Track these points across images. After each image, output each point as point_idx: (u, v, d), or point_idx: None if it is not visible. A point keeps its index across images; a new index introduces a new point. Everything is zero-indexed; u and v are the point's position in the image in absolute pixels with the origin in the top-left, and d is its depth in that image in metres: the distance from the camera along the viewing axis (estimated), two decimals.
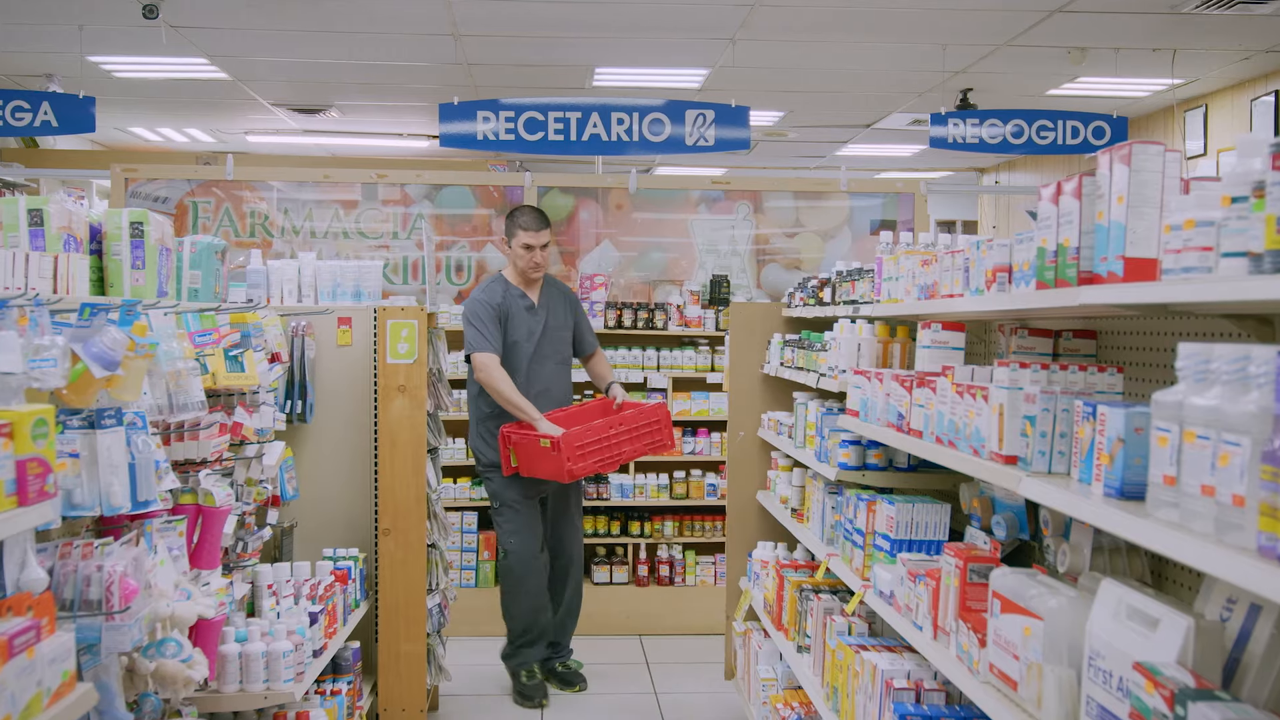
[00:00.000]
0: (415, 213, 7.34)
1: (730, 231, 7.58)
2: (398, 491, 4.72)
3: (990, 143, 7.65)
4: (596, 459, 5.13)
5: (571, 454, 5.00)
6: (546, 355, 5.46)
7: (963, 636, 2.56)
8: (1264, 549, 1.44)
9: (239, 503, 3.64)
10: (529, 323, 5.41)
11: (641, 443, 5.30)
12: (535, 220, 5.38)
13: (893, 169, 12.95)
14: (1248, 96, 7.99)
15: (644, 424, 5.31)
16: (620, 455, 5.23)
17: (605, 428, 5.18)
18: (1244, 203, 1.65)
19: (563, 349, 5.55)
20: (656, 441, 5.36)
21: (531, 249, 5.35)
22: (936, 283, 3.07)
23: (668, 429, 5.41)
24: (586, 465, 5.09)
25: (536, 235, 5.35)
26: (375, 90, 9.17)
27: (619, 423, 5.24)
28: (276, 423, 4.09)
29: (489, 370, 5.21)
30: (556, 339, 5.50)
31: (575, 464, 5.02)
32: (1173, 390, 1.72)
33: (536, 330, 5.41)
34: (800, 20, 6.91)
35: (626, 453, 5.25)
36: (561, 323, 5.53)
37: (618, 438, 5.21)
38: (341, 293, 4.95)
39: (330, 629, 4.11)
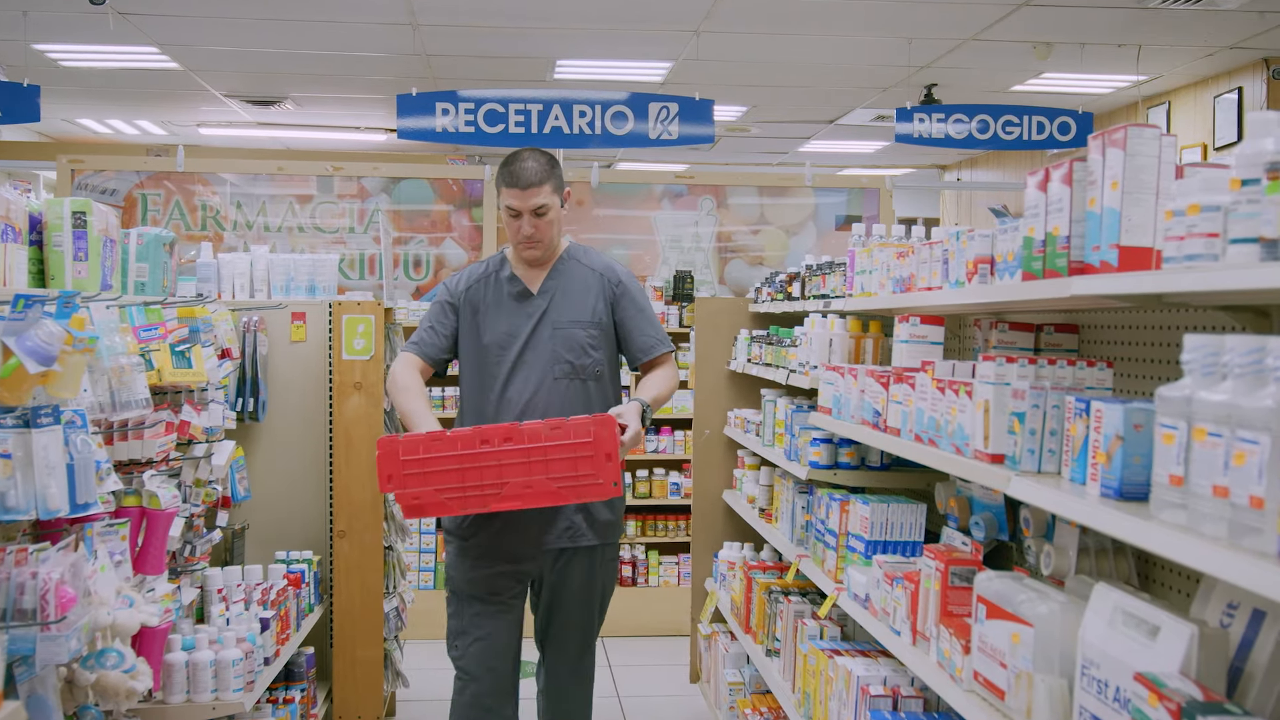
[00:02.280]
0: (372, 207, 7.18)
1: (694, 227, 7.48)
2: (354, 492, 4.57)
3: (956, 138, 7.60)
4: (445, 486, 3.22)
5: (392, 469, 3.21)
6: (537, 362, 3.54)
7: (944, 642, 2.46)
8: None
9: (186, 504, 3.49)
10: (514, 317, 3.60)
11: (546, 474, 3.21)
12: (520, 173, 3.48)
13: (855, 165, 12.90)
14: (1211, 93, 7.98)
15: (558, 445, 3.21)
16: (500, 489, 3.22)
17: (472, 439, 3.22)
18: (1255, 185, 1.55)
19: (575, 354, 3.56)
20: (581, 478, 3.21)
21: (517, 215, 3.52)
22: (913, 275, 2.97)
23: (606, 462, 3.21)
24: (421, 494, 3.23)
25: (522, 195, 3.48)
26: (331, 82, 8.98)
27: (504, 436, 3.22)
28: (227, 421, 3.93)
29: (392, 372, 3.62)
30: (564, 340, 3.56)
31: (402, 487, 3.22)
32: (1179, 385, 1.62)
33: (524, 328, 3.57)
34: (765, 12, 6.81)
35: (513, 488, 3.21)
36: (579, 317, 3.59)
37: (493, 459, 3.21)
38: (295, 287, 4.80)
39: (283, 635, 3.96)
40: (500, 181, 3.52)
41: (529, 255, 3.58)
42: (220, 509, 3.90)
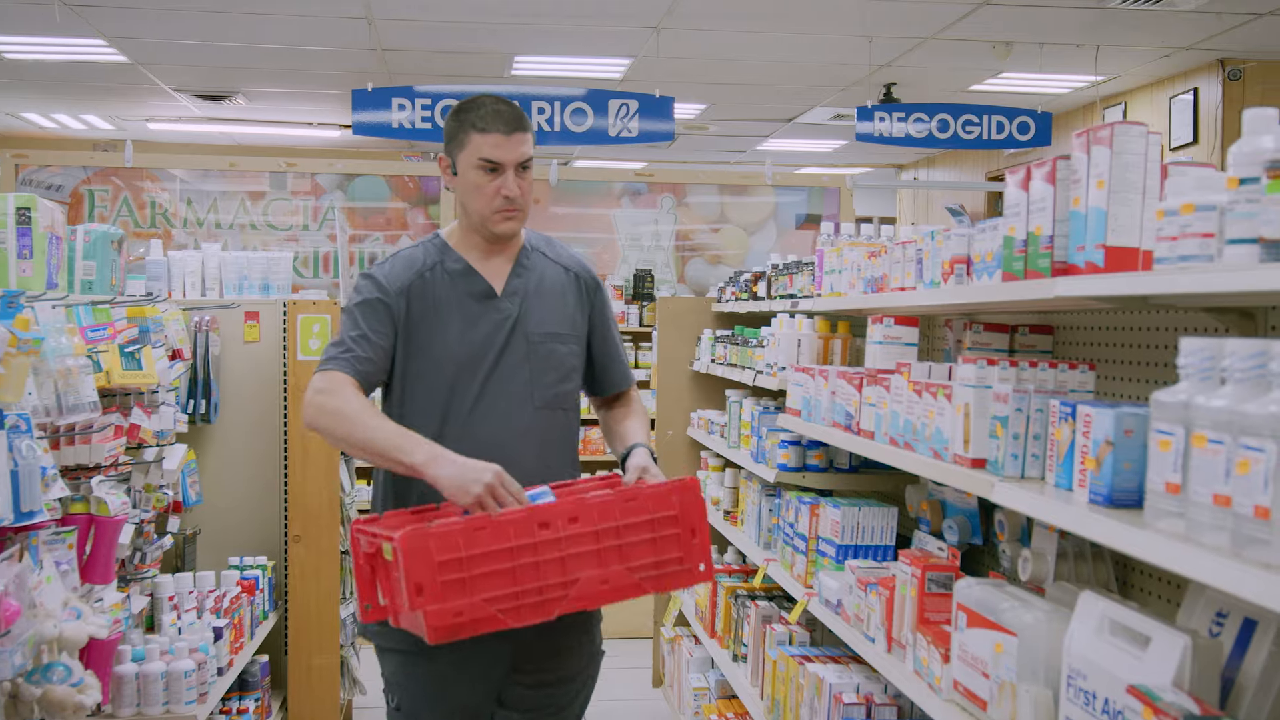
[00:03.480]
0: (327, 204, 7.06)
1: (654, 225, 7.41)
2: (309, 496, 4.46)
3: (916, 137, 7.59)
4: (497, 594, 2.27)
5: (424, 575, 2.20)
6: (512, 388, 2.68)
7: (922, 650, 2.40)
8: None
9: (136, 510, 3.37)
10: (477, 325, 2.68)
11: (623, 563, 2.39)
12: (504, 113, 2.64)
13: (813, 164, 12.89)
14: (1167, 94, 8.02)
15: (636, 523, 2.41)
16: (567, 589, 2.33)
17: (527, 522, 2.30)
18: (1254, 184, 1.50)
19: (557, 377, 2.74)
20: (665, 564, 2.44)
21: (495, 170, 2.63)
22: (886, 275, 2.92)
23: (692, 540, 2.48)
24: (463, 607, 2.23)
25: (506, 142, 2.62)
26: (285, 76, 8.81)
27: (570, 515, 2.34)
28: (178, 424, 3.82)
29: (320, 399, 2.53)
30: (544, 359, 2.71)
31: (438, 601, 2.21)
32: (1175, 389, 1.57)
33: (494, 341, 2.67)
34: (726, 9, 6.76)
35: (584, 585, 2.34)
36: (558, 328, 2.75)
37: (555, 550, 2.32)
38: (249, 286, 4.68)
39: (236, 644, 3.85)
40: (470, 126, 2.61)
41: (506, 228, 2.65)
42: (171, 514, 3.79)
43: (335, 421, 2.50)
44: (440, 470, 2.37)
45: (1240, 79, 7.43)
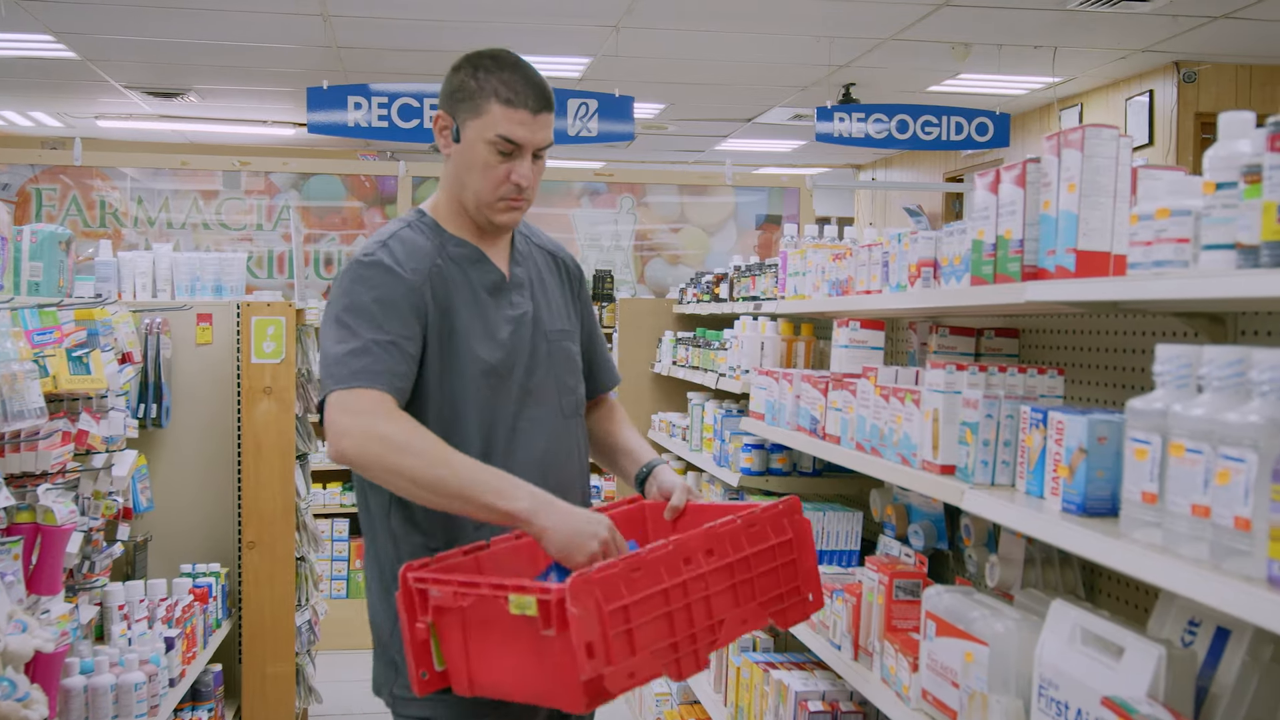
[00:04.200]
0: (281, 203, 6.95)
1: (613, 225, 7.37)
2: (263, 501, 4.37)
3: (876, 138, 7.60)
4: (655, 645, 1.88)
5: (595, 631, 1.78)
6: (544, 398, 2.28)
7: (889, 659, 2.37)
8: (1276, 579, 1.26)
9: (85, 518, 3.28)
10: (501, 321, 2.25)
11: (755, 599, 2.09)
12: (536, 85, 2.21)
13: (772, 164, 12.90)
14: (1123, 95, 8.08)
15: (761, 551, 2.11)
16: (715, 632, 2.00)
17: (674, 559, 1.94)
18: (1232, 189, 1.48)
19: (575, 380, 2.37)
20: (786, 596, 2.16)
21: (515, 152, 2.19)
22: (851, 278, 2.89)
23: (808, 565, 2.20)
24: (634, 665, 1.84)
25: (532, 122, 2.19)
26: (238, 73, 8.69)
27: (704, 547, 2.00)
28: (128, 430, 3.72)
29: (369, 426, 2.01)
30: (562, 359, 2.34)
31: (611, 662, 1.79)
32: (1152, 397, 1.54)
33: (523, 340, 2.26)
34: (685, 9, 6.73)
35: (729, 626, 2.03)
36: (565, 325, 2.39)
37: (700, 588, 1.98)
38: (201, 287, 4.59)
39: (189, 654, 3.76)
40: (493, 94, 2.14)
41: (507, 220, 2.22)
42: (121, 521, 3.69)
43: (400, 457, 1.93)
44: (548, 522, 1.94)
45: (1195, 81, 7.50)
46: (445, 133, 2.23)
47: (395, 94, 6.98)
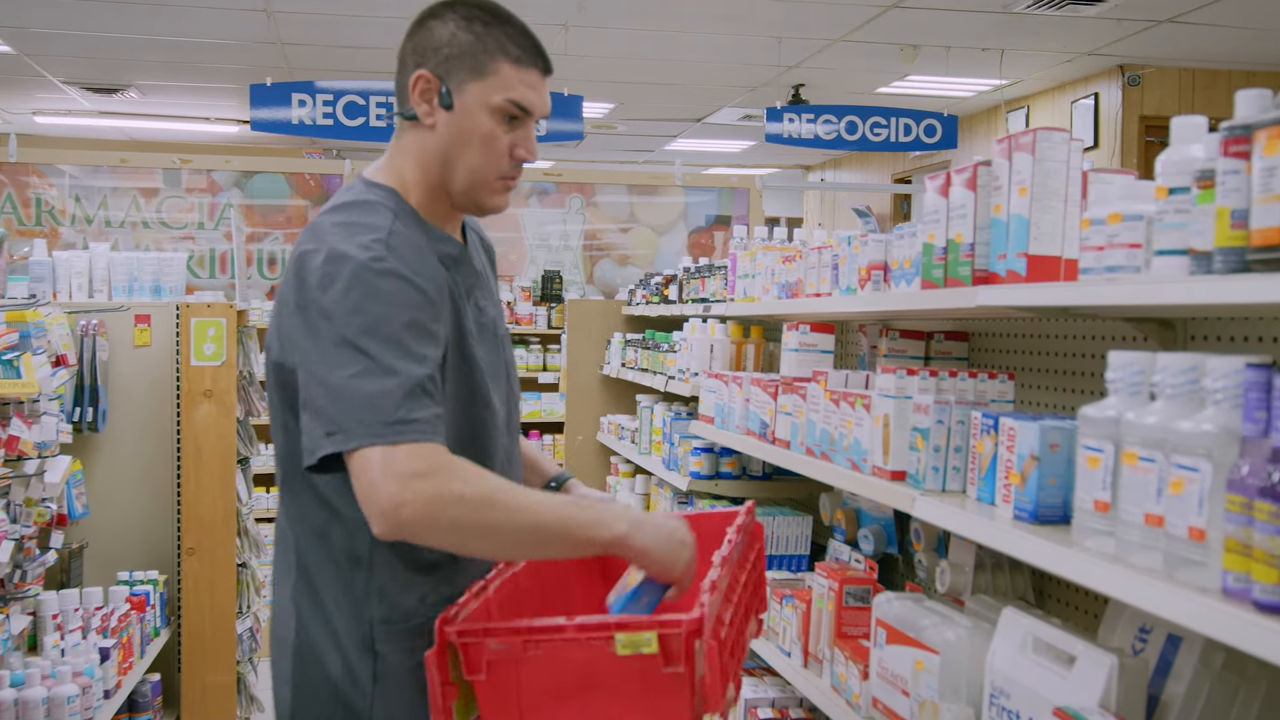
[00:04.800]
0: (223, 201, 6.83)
1: (562, 225, 7.32)
2: (204, 506, 4.28)
3: (825, 138, 7.60)
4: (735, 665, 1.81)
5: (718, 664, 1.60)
6: (512, 415, 2.01)
7: (839, 666, 2.35)
8: (1231, 591, 1.25)
9: (16, 526, 3.19)
10: (482, 328, 1.92)
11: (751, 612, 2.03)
12: (541, 49, 1.88)
13: (721, 164, 12.90)
14: (1068, 98, 8.15)
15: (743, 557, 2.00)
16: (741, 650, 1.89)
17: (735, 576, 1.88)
18: (1184, 194, 1.47)
19: (518, 388, 2.11)
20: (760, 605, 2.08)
21: (521, 120, 1.84)
22: (801, 281, 2.87)
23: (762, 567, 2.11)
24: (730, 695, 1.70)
25: (543, 85, 1.88)
26: (179, 69, 8.53)
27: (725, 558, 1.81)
28: (61, 435, 3.62)
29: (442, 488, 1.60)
30: (513, 364, 2.07)
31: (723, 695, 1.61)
32: (1104, 404, 1.52)
33: (500, 349, 1.97)
34: (635, 8, 6.69)
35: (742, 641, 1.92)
36: (504, 316, 2.07)
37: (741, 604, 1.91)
38: (139, 288, 4.48)
39: (125, 664, 3.67)
40: (500, 51, 1.80)
41: (499, 203, 1.89)
42: (55, 528, 3.59)
43: (484, 515, 1.61)
44: (646, 537, 1.71)
45: (1139, 84, 7.57)
46: (429, 97, 1.80)
47: (341, 91, 6.88)
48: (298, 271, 1.71)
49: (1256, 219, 1.30)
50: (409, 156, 1.84)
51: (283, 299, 1.75)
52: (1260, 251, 1.29)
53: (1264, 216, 1.28)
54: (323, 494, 1.77)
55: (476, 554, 1.74)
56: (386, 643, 1.77)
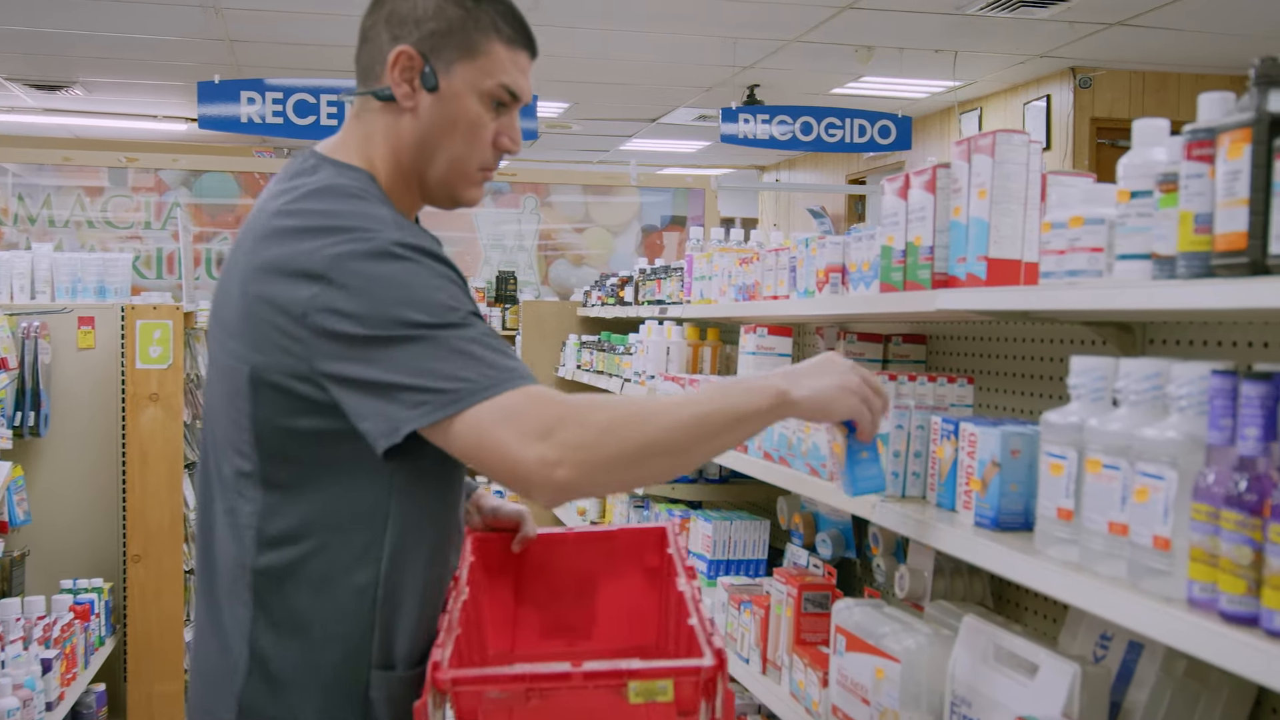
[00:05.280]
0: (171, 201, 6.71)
1: (516, 225, 7.26)
2: (150, 512, 4.20)
3: (780, 139, 7.60)
4: None
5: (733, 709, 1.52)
6: None
7: (798, 673, 2.32)
8: (1197, 601, 1.23)
9: None
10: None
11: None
12: (524, 24, 1.68)
13: (676, 165, 12.89)
14: (1021, 100, 8.20)
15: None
16: None
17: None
18: (1147, 198, 1.45)
19: None
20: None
21: (505, 107, 1.66)
22: (758, 283, 2.84)
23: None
24: None
25: (530, 68, 1.71)
26: (126, 66, 8.39)
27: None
28: (1, 440, 3.53)
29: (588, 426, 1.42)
30: None
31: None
32: (1067, 410, 1.50)
33: None
34: (590, 7, 6.65)
35: None
36: None
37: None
38: (83, 289, 4.39)
39: (68, 675, 3.58)
40: (492, 28, 1.62)
41: (475, 196, 1.72)
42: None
43: (641, 432, 1.45)
44: (807, 383, 1.59)
45: (1090, 87, 7.63)
46: (409, 76, 1.60)
47: (291, 89, 6.78)
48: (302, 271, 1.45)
49: (1220, 223, 1.28)
50: (378, 140, 1.64)
51: (270, 301, 1.46)
52: (1224, 256, 1.27)
53: (1227, 221, 1.27)
54: (346, 507, 1.51)
55: (650, 480, 1.53)
56: (381, 689, 1.54)
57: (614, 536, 1.98)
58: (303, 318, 1.44)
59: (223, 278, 1.61)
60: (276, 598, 1.52)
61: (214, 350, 1.61)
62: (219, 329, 1.58)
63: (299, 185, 1.57)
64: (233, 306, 1.53)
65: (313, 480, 1.50)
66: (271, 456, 1.51)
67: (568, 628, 1.93)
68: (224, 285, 1.58)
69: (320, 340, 1.43)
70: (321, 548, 1.51)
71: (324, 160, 1.63)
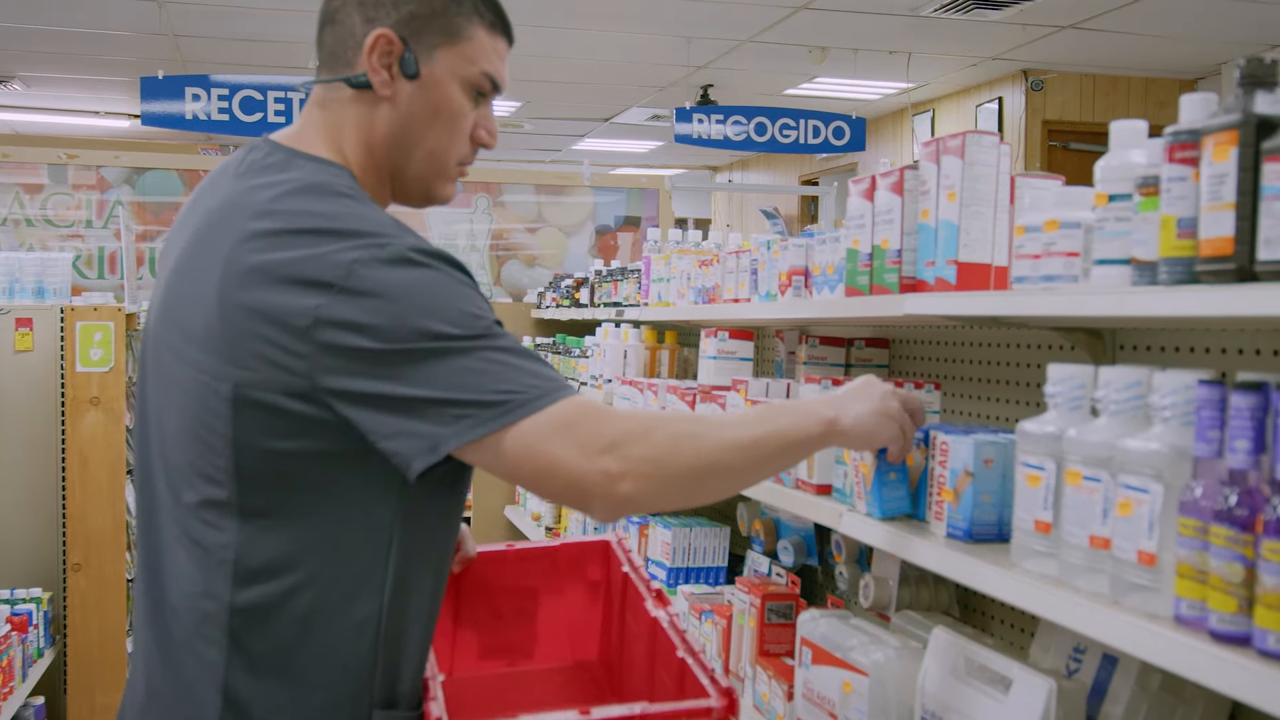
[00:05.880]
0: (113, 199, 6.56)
1: (468, 225, 7.17)
2: (91, 520, 4.08)
3: (734, 139, 7.57)
4: None
5: None
6: None
7: (762, 685, 2.27)
8: (1184, 619, 1.19)
9: None
10: None
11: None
12: (504, 15, 1.58)
13: (629, 165, 12.84)
14: (973, 102, 8.24)
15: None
16: None
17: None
18: (1125, 201, 1.41)
19: None
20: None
21: (483, 98, 1.56)
22: (718, 285, 2.79)
23: None
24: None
25: (506, 55, 1.60)
26: (67, 61, 8.20)
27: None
28: None
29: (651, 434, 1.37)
30: None
31: None
32: (1044, 419, 1.46)
33: None
34: (543, 6, 6.58)
35: None
36: None
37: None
38: (21, 289, 4.27)
39: (4, 689, 3.46)
40: (475, 13, 1.53)
41: (449, 193, 1.60)
42: None
43: (699, 449, 1.39)
44: (853, 409, 1.57)
45: (1042, 89, 7.67)
46: (388, 62, 1.49)
47: (237, 85, 6.66)
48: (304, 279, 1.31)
49: (1205, 228, 1.24)
50: (349, 132, 1.51)
51: (261, 312, 1.32)
52: (1209, 262, 1.23)
53: (1213, 226, 1.23)
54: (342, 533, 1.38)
55: (703, 500, 1.45)
56: None
57: (555, 552, 1.92)
58: (306, 331, 1.29)
59: (179, 279, 1.43)
60: (258, 637, 1.37)
61: (167, 363, 1.43)
62: (178, 339, 1.40)
63: (276, 182, 1.41)
64: (203, 316, 1.36)
65: (302, 506, 1.36)
66: (253, 483, 1.35)
67: (508, 648, 1.89)
68: (185, 290, 1.41)
69: (327, 355, 1.30)
70: (312, 579, 1.37)
71: (294, 154, 1.48)
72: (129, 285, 4.99)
